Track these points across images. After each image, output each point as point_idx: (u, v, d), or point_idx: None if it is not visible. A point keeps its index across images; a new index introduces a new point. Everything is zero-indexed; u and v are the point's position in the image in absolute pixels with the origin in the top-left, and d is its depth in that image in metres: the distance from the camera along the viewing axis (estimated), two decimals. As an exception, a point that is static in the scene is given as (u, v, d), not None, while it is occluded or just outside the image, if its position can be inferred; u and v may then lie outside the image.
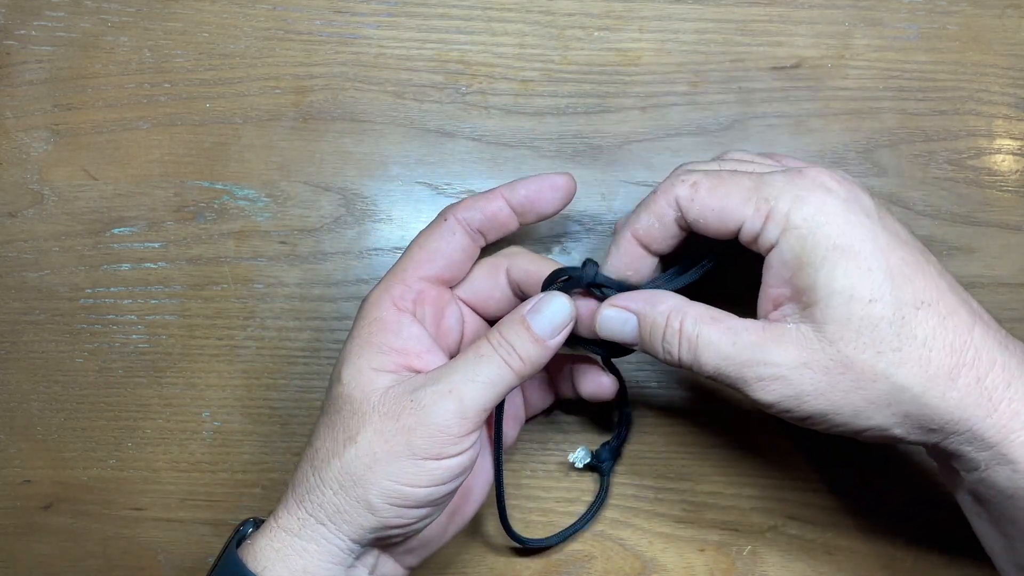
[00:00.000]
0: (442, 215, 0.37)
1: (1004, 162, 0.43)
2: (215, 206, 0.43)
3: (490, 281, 0.38)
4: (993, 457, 0.30)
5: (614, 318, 0.34)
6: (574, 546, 0.41)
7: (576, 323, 0.34)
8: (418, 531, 0.34)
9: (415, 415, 0.32)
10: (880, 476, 0.41)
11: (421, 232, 0.37)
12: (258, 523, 0.34)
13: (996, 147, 0.43)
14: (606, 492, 0.41)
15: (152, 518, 0.42)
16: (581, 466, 0.40)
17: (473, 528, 0.42)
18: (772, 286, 0.31)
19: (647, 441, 0.42)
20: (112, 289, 0.43)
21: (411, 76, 0.44)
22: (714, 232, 0.32)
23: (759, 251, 0.32)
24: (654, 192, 0.33)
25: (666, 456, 0.42)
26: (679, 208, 0.32)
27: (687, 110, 0.43)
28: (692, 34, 0.43)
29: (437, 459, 0.32)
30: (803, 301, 0.30)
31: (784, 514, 0.41)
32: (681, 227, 0.33)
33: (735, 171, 0.32)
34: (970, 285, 0.42)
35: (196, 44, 0.44)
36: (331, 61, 0.44)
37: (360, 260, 0.43)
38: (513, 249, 0.38)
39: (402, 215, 0.43)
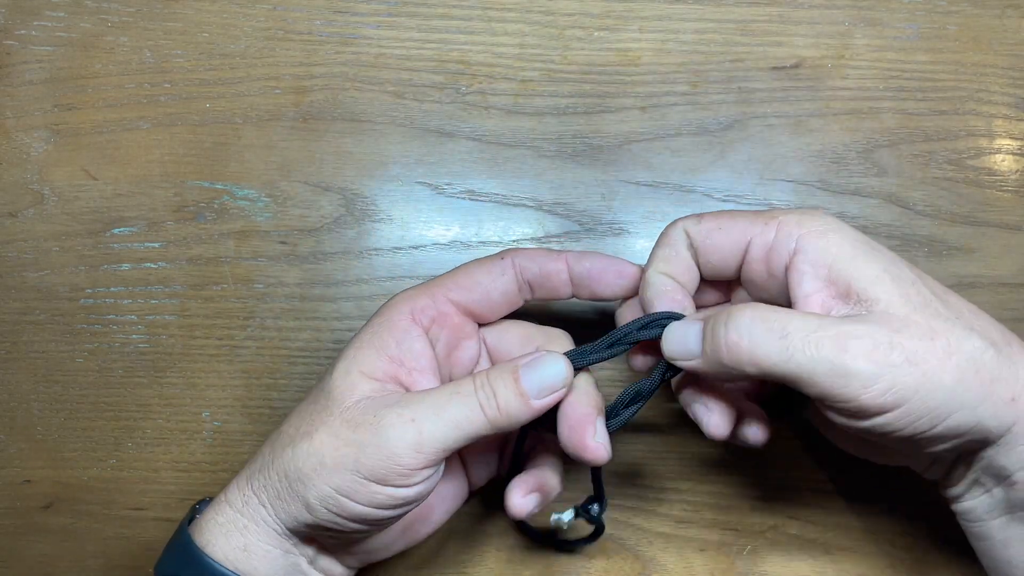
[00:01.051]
0: (500, 254, 0.36)
1: (1004, 162, 0.43)
2: (215, 206, 0.43)
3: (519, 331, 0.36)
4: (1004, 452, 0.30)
5: (677, 329, 0.32)
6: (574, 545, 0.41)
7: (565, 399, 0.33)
8: (356, 541, 0.34)
9: (371, 433, 0.30)
10: (880, 476, 0.41)
11: (473, 260, 0.36)
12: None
13: (996, 147, 0.43)
14: (600, 531, 0.39)
15: (152, 518, 0.42)
16: (567, 526, 0.37)
17: (473, 528, 0.42)
18: (812, 293, 0.31)
19: (647, 441, 0.42)
20: (112, 289, 0.43)
21: (411, 76, 0.44)
22: (720, 258, 0.33)
23: (772, 270, 0.32)
24: (662, 233, 0.35)
25: (666, 456, 0.42)
26: (688, 235, 0.34)
27: (687, 110, 0.43)
28: (692, 34, 0.43)
29: (381, 484, 0.30)
30: (854, 293, 0.30)
31: (784, 514, 0.41)
32: (694, 260, 0.34)
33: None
34: (970, 285, 0.42)
35: (196, 44, 0.44)
36: (331, 61, 0.44)
37: (360, 260, 0.43)
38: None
39: (402, 215, 0.43)
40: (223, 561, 0.31)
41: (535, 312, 0.40)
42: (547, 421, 0.33)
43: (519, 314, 0.37)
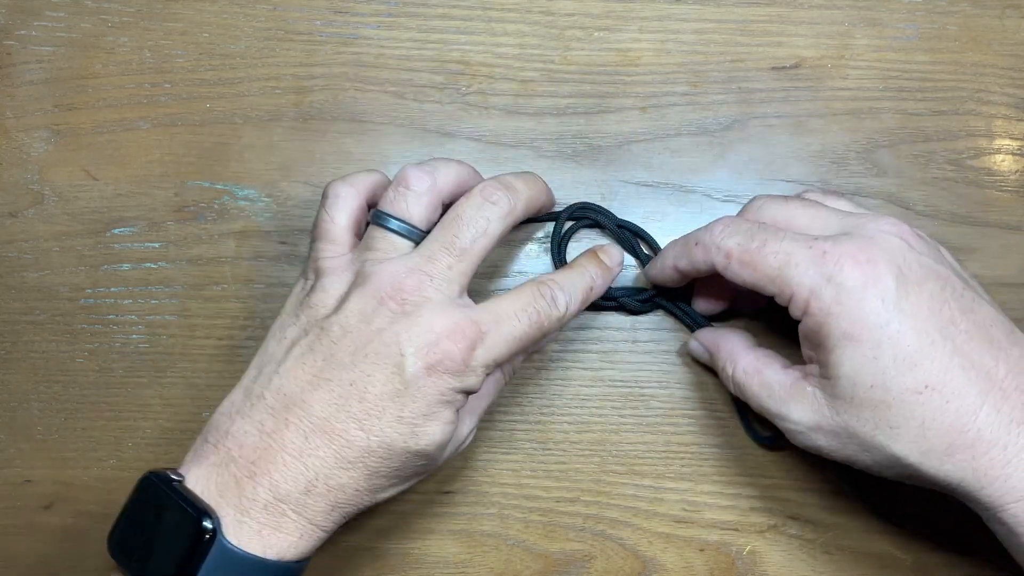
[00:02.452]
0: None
1: (1004, 162, 0.43)
2: (215, 206, 0.43)
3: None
4: (989, 518, 0.33)
5: (697, 350, 0.40)
6: (574, 546, 0.41)
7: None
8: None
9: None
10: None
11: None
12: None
13: (996, 147, 0.43)
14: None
15: (152, 518, 0.42)
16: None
17: (473, 528, 0.42)
18: (804, 346, 0.35)
19: (647, 441, 0.42)
20: (112, 289, 0.43)
21: (411, 76, 0.44)
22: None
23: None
24: (694, 243, 0.36)
25: (666, 456, 0.42)
26: (715, 268, 0.35)
27: (687, 110, 0.43)
28: (692, 34, 0.43)
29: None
30: (821, 371, 0.34)
31: (784, 514, 0.41)
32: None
33: (765, 243, 0.34)
34: (970, 285, 0.42)
35: (196, 44, 0.44)
36: (331, 61, 0.44)
37: (360, 260, 0.43)
38: None
39: (402, 215, 0.43)
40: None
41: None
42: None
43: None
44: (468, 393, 0.34)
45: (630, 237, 0.42)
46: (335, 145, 0.43)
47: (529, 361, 0.42)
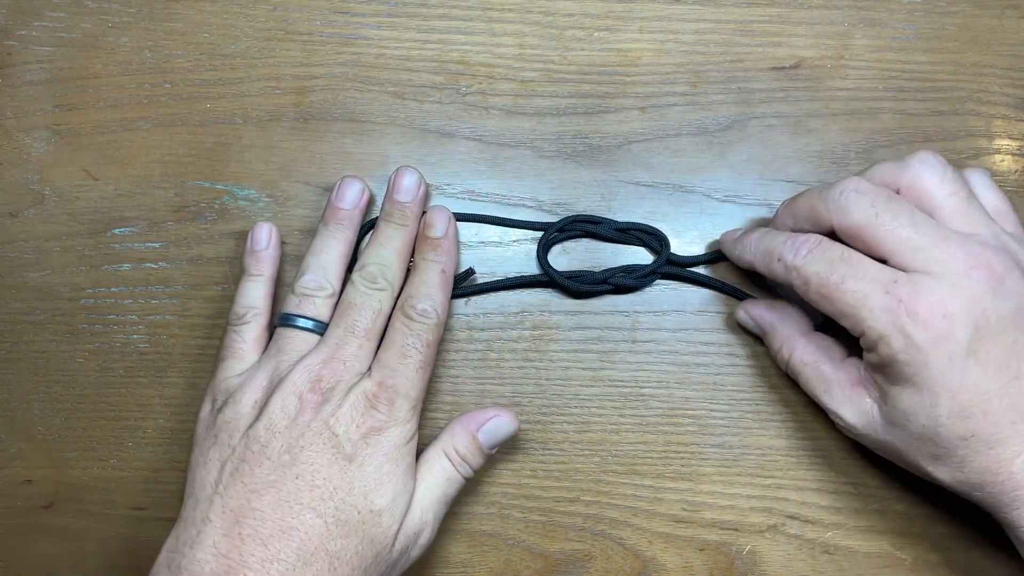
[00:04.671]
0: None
1: (1003, 162, 0.43)
2: (216, 206, 0.43)
3: None
4: (1009, 530, 0.35)
5: (746, 321, 0.41)
6: (574, 545, 0.41)
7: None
8: None
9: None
10: (880, 476, 0.41)
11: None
12: None
13: (995, 147, 0.43)
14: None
15: (153, 518, 0.42)
16: None
17: (473, 528, 0.42)
18: (867, 358, 0.35)
19: (647, 441, 0.42)
20: (113, 289, 0.43)
21: (411, 76, 0.44)
22: None
23: None
24: (777, 259, 0.36)
25: (666, 456, 0.42)
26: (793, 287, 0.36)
27: (687, 110, 0.43)
28: (692, 34, 0.44)
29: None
30: (880, 392, 0.35)
31: (784, 514, 0.41)
32: None
33: (844, 279, 0.34)
34: (969, 285, 0.42)
35: (197, 44, 0.44)
36: (331, 62, 0.44)
37: (360, 260, 0.43)
38: None
39: (402, 215, 0.43)
40: None
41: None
42: None
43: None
44: (409, 440, 0.36)
45: (636, 238, 0.42)
46: (335, 145, 0.43)
47: (527, 362, 0.42)
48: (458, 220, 0.41)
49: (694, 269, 0.42)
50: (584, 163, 0.43)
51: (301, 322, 0.37)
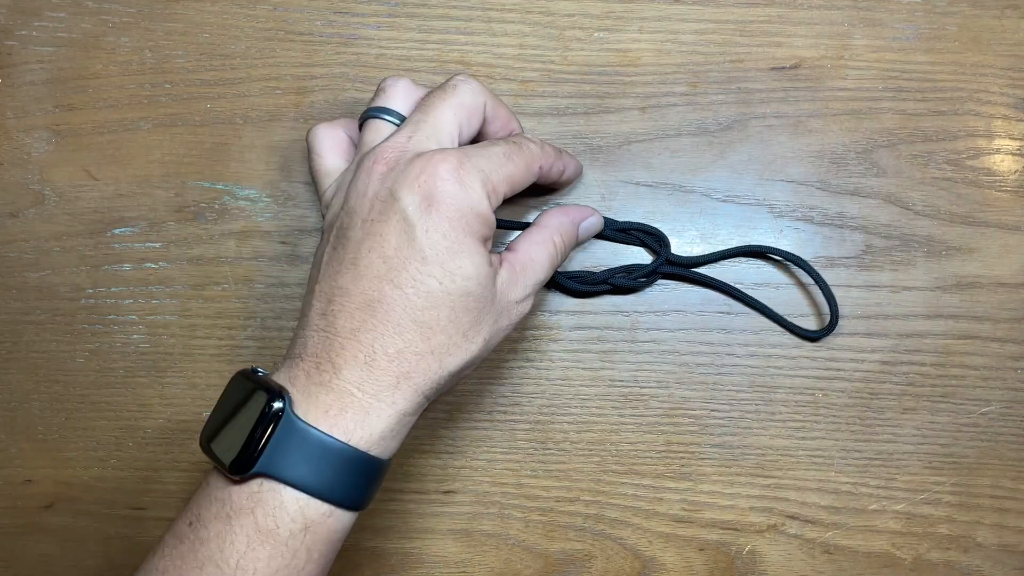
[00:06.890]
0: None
1: (1003, 162, 0.43)
2: (216, 206, 0.43)
3: None
4: None
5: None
6: (574, 545, 0.41)
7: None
8: None
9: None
10: (879, 476, 0.41)
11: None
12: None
13: (995, 147, 0.43)
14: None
15: (153, 518, 0.42)
16: None
17: (473, 528, 0.42)
18: None
19: (647, 440, 0.42)
20: (113, 289, 0.43)
21: (412, 76, 0.44)
22: None
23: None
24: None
25: (666, 456, 0.42)
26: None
27: (687, 110, 0.43)
28: (692, 35, 0.44)
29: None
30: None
31: (784, 514, 0.41)
32: None
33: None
34: (970, 285, 0.42)
35: (197, 45, 0.44)
36: (332, 62, 0.44)
37: (360, 260, 0.43)
38: None
39: (402, 215, 0.43)
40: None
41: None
42: None
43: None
44: (485, 222, 0.34)
45: (636, 238, 0.42)
46: (335, 145, 0.43)
47: (527, 362, 0.42)
48: None
49: (694, 269, 0.42)
50: (584, 163, 0.43)
51: (377, 112, 0.37)
